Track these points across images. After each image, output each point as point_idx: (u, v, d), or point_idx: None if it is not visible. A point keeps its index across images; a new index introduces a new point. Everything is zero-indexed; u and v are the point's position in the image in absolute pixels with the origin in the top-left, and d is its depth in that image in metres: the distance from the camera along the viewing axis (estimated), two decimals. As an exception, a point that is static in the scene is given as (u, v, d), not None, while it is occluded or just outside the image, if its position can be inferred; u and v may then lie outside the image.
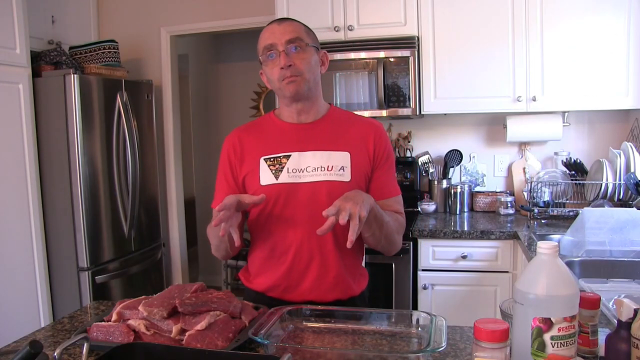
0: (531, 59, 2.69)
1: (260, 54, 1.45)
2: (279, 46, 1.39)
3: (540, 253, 0.95)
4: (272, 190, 1.41)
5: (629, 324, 0.94)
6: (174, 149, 3.84)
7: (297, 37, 1.40)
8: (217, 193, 1.52)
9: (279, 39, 1.39)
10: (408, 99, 2.78)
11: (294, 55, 1.39)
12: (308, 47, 1.41)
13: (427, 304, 2.58)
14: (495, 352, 0.89)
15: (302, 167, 1.42)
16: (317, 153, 1.43)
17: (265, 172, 1.43)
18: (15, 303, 2.72)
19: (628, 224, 2.01)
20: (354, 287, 1.49)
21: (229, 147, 1.51)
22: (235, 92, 4.80)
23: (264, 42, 1.42)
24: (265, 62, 1.43)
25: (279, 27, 1.41)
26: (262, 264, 1.49)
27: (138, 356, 1.01)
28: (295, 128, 1.48)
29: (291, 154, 1.43)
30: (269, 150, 1.45)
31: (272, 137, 1.48)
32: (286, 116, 1.50)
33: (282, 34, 1.39)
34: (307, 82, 1.41)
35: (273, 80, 1.43)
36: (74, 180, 2.89)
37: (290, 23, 1.44)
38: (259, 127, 1.54)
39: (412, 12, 2.79)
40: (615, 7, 2.58)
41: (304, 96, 1.44)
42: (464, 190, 3.01)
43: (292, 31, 1.40)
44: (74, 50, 3.27)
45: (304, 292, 1.43)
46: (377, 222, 1.35)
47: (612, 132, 2.94)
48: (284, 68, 1.38)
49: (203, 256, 5.06)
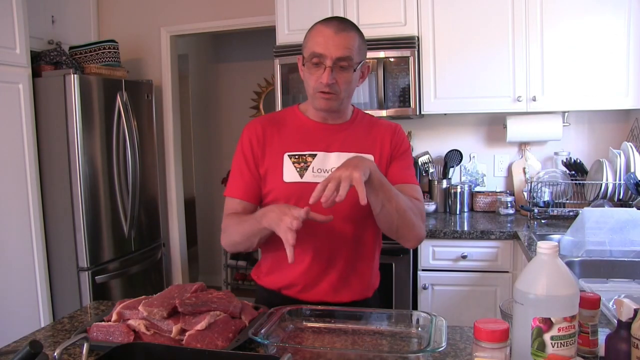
0: (531, 59, 2.69)
1: (305, 55, 1.40)
2: (328, 61, 1.34)
3: (540, 253, 0.95)
4: (295, 188, 1.39)
5: (629, 324, 0.95)
6: (174, 149, 3.84)
7: (348, 55, 1.34)
8: (235, 181, 1.47)
9: (330, 53, 1.33)
10: (408, 99, 2.78)
11: (339, 73, 1.35)
12: (355, 69, 1.38)
13: (427, 304, 2.58)
14: (495, 352, 0.89)
15: (327, 167, 1.41)
16: (342, 154, 1.41)
17: (289, 169, 1.41)
18: (15, 303, 2.72)
19: (628, 224, 2.01)
20: (368, 288, 1.49)
21: (250, 135, 1.46)
22: (235, 92, 4.80)
23: (313, 46, 1.36)
24: (308, 67, 1.38)
25: (334, 38, 1.34)
26: (279, 261, 1.44)
27: (138, 356, 1.01)
28: (322, 127, 1.46)
29: (317, 154, 1.42)
30: (294, 147, 1.43)
31: (297, 134, 1.46)
32: (312, 114, 1.48)
33: (335, 47, 1.33)
34: (341, 100, 1.40)
35: (309, 85, 1.40)
36: (74, 180, 2.89)
37: (347, 36, 1.35)
38: (283, 121, 1.50)
39: (412, 12, 2.79)
40: (615, 7, 2.58)
41: (334, 110, 1.43)
42: (464, 190, 3.01)
43: (345, 47, 1.34)
44: (74, 50, 3.27)
45: (321, 292, 1.42)
46: (384, 191, 1.27)
47: (612, 132, 2.94)
48: (324, 84, 1.35)
49: (203, 256, 5.06)
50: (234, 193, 1.46)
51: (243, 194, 1.45)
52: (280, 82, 2.94)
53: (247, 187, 1.45)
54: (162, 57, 3.74)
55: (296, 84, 2.93)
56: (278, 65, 2.93)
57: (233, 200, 1.46)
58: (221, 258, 4.76)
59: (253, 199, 1.45)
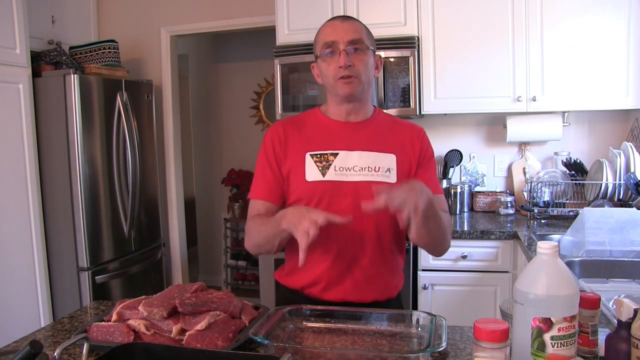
0: (531, 59, 2.69)
1: (318, 49, 1.43)
2: (341, 45, 1.37)
3: (540, 253, 0.95)
4: (318, 186, 1.40)
5: (629, 324, 0.95)
6: (174, 149, 3.84)
7: (359, 38, 1.39)
8: (258, 183, 1.48)
9: (341, 37, 1.38)
10: (408, 99, 2.78)
11: (354, 56, 1.38)
12: (368, 50, 1.41)
13: (427, 304, 2.58)
14: (495, 352, 0.89)
15: (349, 165, 1.41)
16: (364, 153, 1.42)
17: (312, 168, 1.42)
18: (15, 303, 2.72)
19: (628, 224, 2.01)
20: (391, 288, 1.49)
21: (273, 137, 1.47)
22: (235, 92, 4.80)
23: (324, 37, 1.40)
24: (323, 58, 1.41)
25: (342, 25, 1.40)
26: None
27: (138, 356, 1.01)
28: (343, 126, 1.47)
29: (339, 152, 1.43)
30: (315, 146, 1.44)
31: (318, 134, 1.47)
32: (334, 114, 1.49)
33: (345, 32, 1.38)
34: (362, 84, 1.41)
35: (327, 76, 1.42)
36: (74, 180, 2.89)
37: (353, 23, 1.42)
38: (303, 122, 1.51)
39: (412, 12, 2.79)
40: (615, 7, 2.58)
41: (357, 98, 1.43)
42: (464, 190, 3.01)
43: (354, 31, 1.39)
44: (74, 50, 3.27)
45: (344, 290, 1.41)
46: (435, 220, 1.30)
47: (612, 132, 2.94)
48: (343, 67, 1.37)
49: (203, 256, 5.06)
50: (257, 195, 1.48)
51: (266, 195, 1.46)
52: (280, 82, 2.94)
53: (270, 189, 1.46)
54: (162, 57, 3.74)
55: (296, 84, 2.93)
56: (278, 65, 2.93)
57: (256, 202, 1.48)
58: (221, 258, 4.76)
59: (276, 200, 1.46)
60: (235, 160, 4.72)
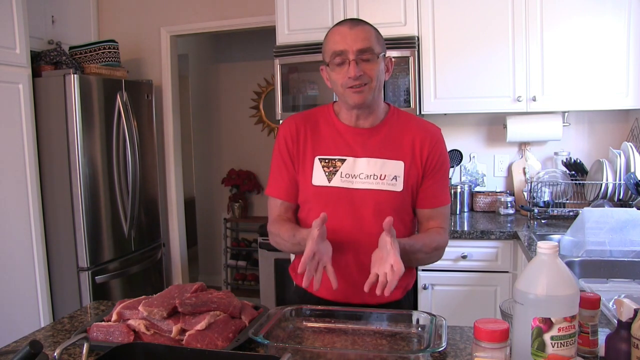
0: (531, 59, 2.68)
1: (326, 58, 1.40)
2: (350, 54, 1.34)
3: (540, 253, 0.95)
4: (322, 192, 1.42)
5: (629, 324, 0.95)
6: (174, 149, 3.84)
7: (369, 47, 1.35)
8: (275, 180, 1.50)
9: (350, 47, 1.34)
10: (408, 99, 2.78)
11: (364, 64, 1.36)
12: (378, 58, 1.38)
13: (427, 304, 2.58)
14: (495, 352, 0.89)
15: (355, 172, 1.41)
16: (372, 160, 1.42)
17: (319, 172, 1.43)
18: (15, 303, 2.72)
19: (628, 224, 2.01)
20: (401, 288, 1.48)
21: (285, 134, 1.48)
22: (235, 92, 4.80)
23: (333, 46, 1.37)
24: (332, 68, 1.39)
25: (351, 32, 1.36)
26: None
27: (138, 356, 1.01)
28: (352, 132, 1.46)
29: (346, 159, 1.43)
30: (325, 150, 1.45)
31: (328, 137, 1.47)
32: (344, 117, 1.48)
33: (353, 41, 1.35)
34: (373, 91, 1.39)
35: (337, 85, 1.40)
36: (74, 180, 2.89)
37: (363, 29, 1.38)
38: (316, 122, 1.50)
39: (412, 12, 2.79)
40: (615, 8, 2.58)
41: (367, 105, 1.42)
42: (464, 190, 3.01)
43: (364, 39, 1.35)
44: (74, 50, 3.27)
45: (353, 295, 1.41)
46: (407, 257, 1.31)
47: (612, 132, 2.94)
48: (352, 78, 1.35)
49: (203, 256, 5.06)
50: (276, 193, 1.50)
51: (284, 194, 1.49)
52: (280, 82, 2.94)
53: (287, 188, 1.48)
54: (162, 57, 3.74)
55: (296, 84, 2.93)
56: (278, 65, 2.93)
57: (275, 200, 1.50)
58: (221, 258, 4.77)
59: (293, 198, 1.49)
60: (235, 160, 4.72)
